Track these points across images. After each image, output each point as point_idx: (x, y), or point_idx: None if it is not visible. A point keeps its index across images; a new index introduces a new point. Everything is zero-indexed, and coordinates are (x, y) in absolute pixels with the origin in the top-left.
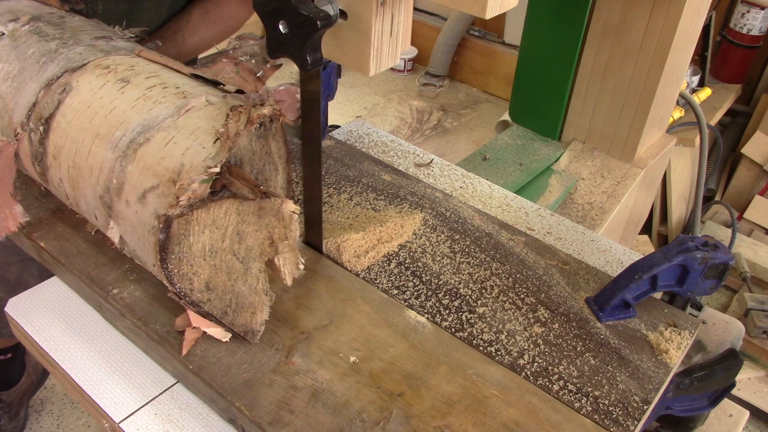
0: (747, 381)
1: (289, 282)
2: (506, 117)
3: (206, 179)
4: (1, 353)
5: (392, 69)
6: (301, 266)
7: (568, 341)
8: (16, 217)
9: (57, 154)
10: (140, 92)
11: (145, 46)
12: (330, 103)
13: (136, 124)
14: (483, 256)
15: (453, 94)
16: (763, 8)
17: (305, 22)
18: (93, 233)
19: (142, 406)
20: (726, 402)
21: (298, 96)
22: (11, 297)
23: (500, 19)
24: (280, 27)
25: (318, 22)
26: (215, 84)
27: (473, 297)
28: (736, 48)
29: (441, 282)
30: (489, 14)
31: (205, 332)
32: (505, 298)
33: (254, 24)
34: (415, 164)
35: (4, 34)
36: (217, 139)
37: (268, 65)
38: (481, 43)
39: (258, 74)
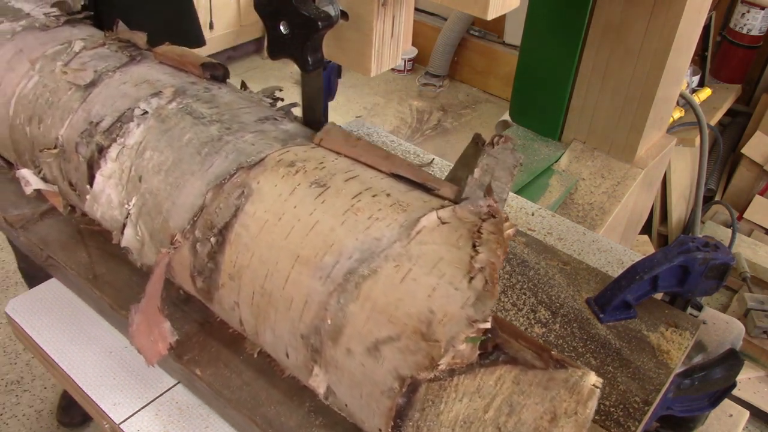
0: (747, 381)
1: None
2: (506, 117)
3: (474, 338)
4: None
5: (392, 69)
6: None
7: (569, 342)
8: (165, 336)
9: (237, 275)
10: (346, 202)
11: (284, 108)
12: (330, 103)
13: (351, 248)
14: None
15: (453, 94)
16: (763, 8)
17: (306, 23)
18: (255, 355)
19: (142, 407)
20: (726, 402)
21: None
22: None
23: (500, 19)
24: (281, 28)
25: (319, 23)
26: (426, 189)
27: None
28: (736, 48)
29: None
30: (491, 15)
31: None
32: (505, 299)
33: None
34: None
35: (147, 112)
36: (472, 277)
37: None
38: (481, 43)
39: None
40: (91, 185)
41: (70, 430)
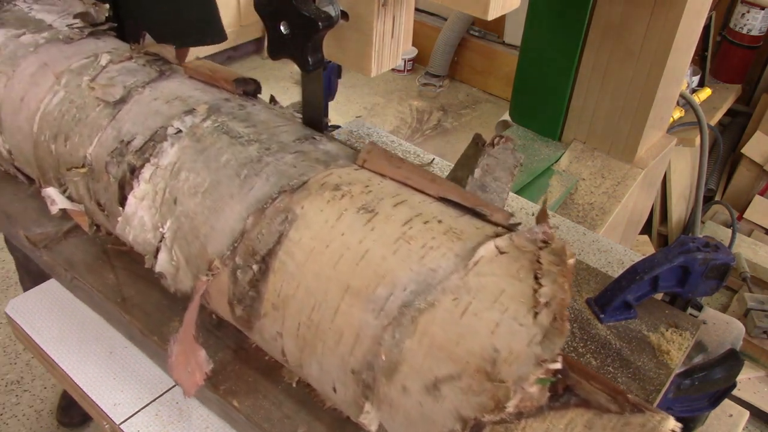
0: (747, 381)
1: None
2: (506, 117)
3: (544, 379)
4: None
5: (392, 69)
6: None
7: (569, 342)
8: (201, 366)
9: (281, 305)
10: (397, 230)
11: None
12: (330, 103)
13: (406, 279)
14: None
15: (453, 94)
16: (763, 8)
17: (306, 23)
18: (294, 384)
19: (142, 408)
20: (726, 402)
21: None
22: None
23: (500, 19)
24: (281, 28)
25: (319, 23)
26: (476, 214)
27: None
28: (736, 48)
29: None
30: (491, 15)
31: None
32: None
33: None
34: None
35: (181, 131)
36: (537, 312)
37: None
38: (481, 43)
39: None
40: (123, 206)
41: (70, 430)
